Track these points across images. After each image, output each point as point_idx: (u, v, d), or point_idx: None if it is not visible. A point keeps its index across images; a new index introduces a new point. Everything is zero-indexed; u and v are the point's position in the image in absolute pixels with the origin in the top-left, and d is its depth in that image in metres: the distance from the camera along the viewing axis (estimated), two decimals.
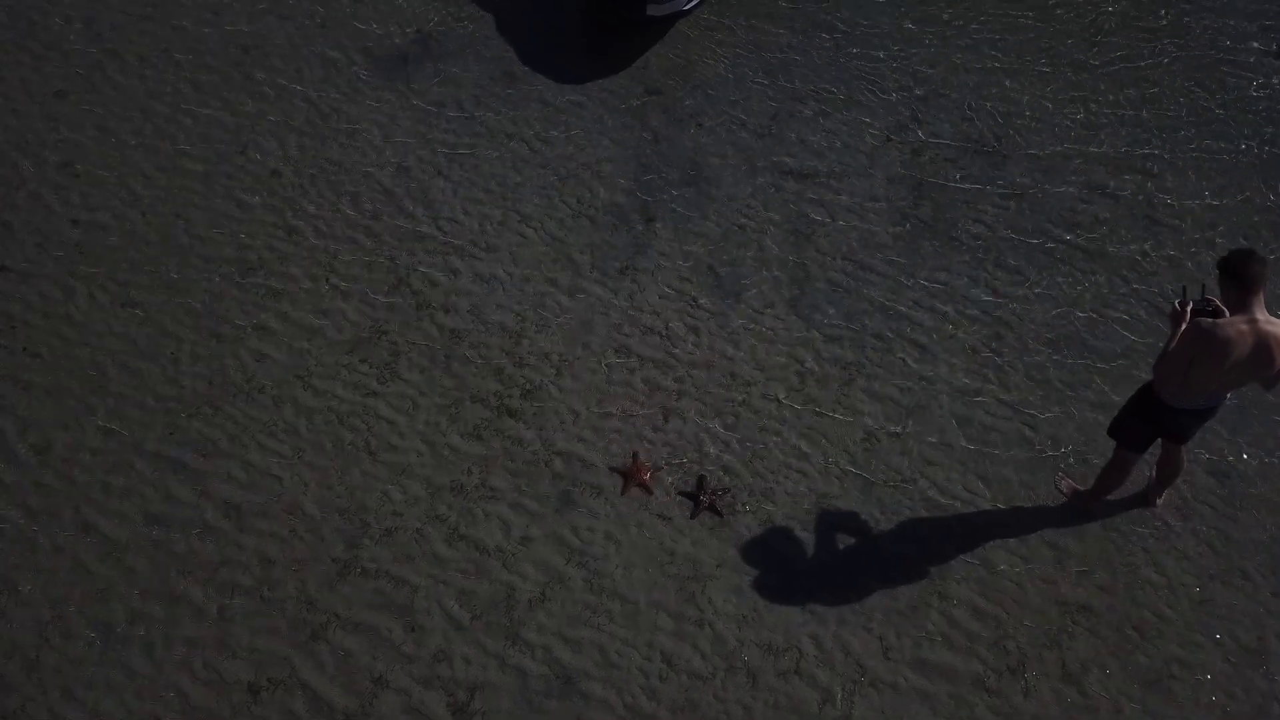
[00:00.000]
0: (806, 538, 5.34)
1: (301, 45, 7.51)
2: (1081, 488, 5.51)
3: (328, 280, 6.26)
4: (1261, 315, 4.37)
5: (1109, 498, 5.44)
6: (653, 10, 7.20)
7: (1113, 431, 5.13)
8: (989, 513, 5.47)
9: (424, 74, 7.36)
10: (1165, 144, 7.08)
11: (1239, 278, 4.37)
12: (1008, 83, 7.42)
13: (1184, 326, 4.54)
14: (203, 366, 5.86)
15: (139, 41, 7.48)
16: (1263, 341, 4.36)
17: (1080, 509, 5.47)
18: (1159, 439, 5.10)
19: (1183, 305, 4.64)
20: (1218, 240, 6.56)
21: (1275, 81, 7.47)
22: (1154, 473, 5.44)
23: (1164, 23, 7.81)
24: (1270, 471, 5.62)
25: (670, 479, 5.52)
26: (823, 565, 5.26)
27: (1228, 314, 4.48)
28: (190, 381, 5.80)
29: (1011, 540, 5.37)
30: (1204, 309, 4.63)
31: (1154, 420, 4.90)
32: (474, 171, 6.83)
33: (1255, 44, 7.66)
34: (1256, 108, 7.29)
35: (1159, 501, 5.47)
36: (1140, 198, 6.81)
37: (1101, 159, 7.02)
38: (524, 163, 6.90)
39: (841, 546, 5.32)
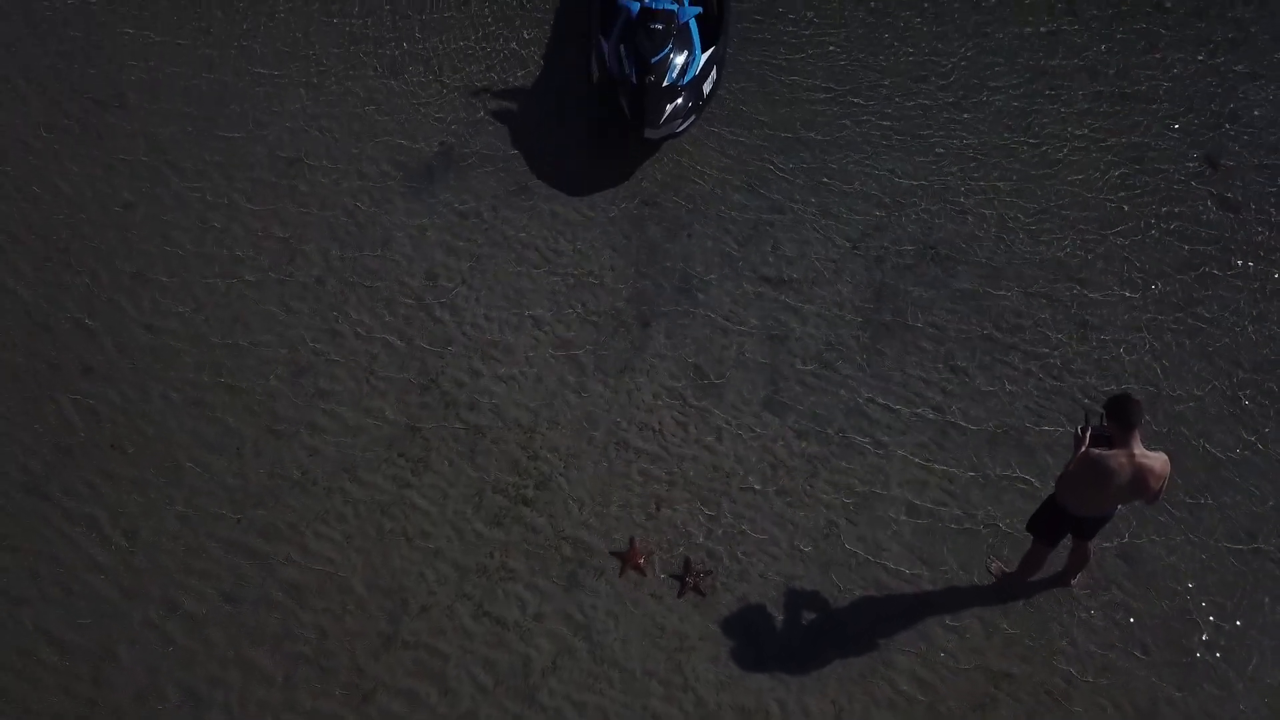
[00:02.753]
0: (775, 614, 6.36)
1: (339, 158, 8.50)
2: (1009, 569, 6.52)
3: (368, 381, 7.27)
4: (1138, 450, 5.38)
5: (1030, 579, 6.45)
6: (649, 133, 8.19)
7: (1029, 528, 6.13)
8: (929, 592, 6.48)
9: (448, 186, 8.36)
10: (1098, 251, 8.06)
11: (1120, 419, 5.37)
12: (963, 197, 8.40)
13: (1082, 451, 5.55)
14: (264, 460, 6.87)
15: (196, 154, 8.46)
16: (1139, 472, 5.37)
17: (1007, 588, 6.48)
18: (1068, 534, 6.12)
19: (1083, 431, 5.64)
20: (1139, 343, 7.56)
21: (1198, 188, 8.45)
22: (1070, 557, 6.46)
23: (1120, 142, 8.79)
24: (1171, 557, 6.62)
25: (661, 562, 6.54)
26: (788, 638, 6.28)
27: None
28: (253, 474, 6.82)
29: (947, 616, 6.39)
30: (1102, 435, 5.63)
31: (1060, 523, 5.91)
32: (493, 278, 7.83)
33: (1190, 164, 8.63)
34: (1182, 214, 8.29)
35: (1073, 582, 6.48)
36: (1073, 302, 7.81)
37: (1041, 264, 8.01)
38: (537, 270, 7.90)
39: (804, 622, 6.34)
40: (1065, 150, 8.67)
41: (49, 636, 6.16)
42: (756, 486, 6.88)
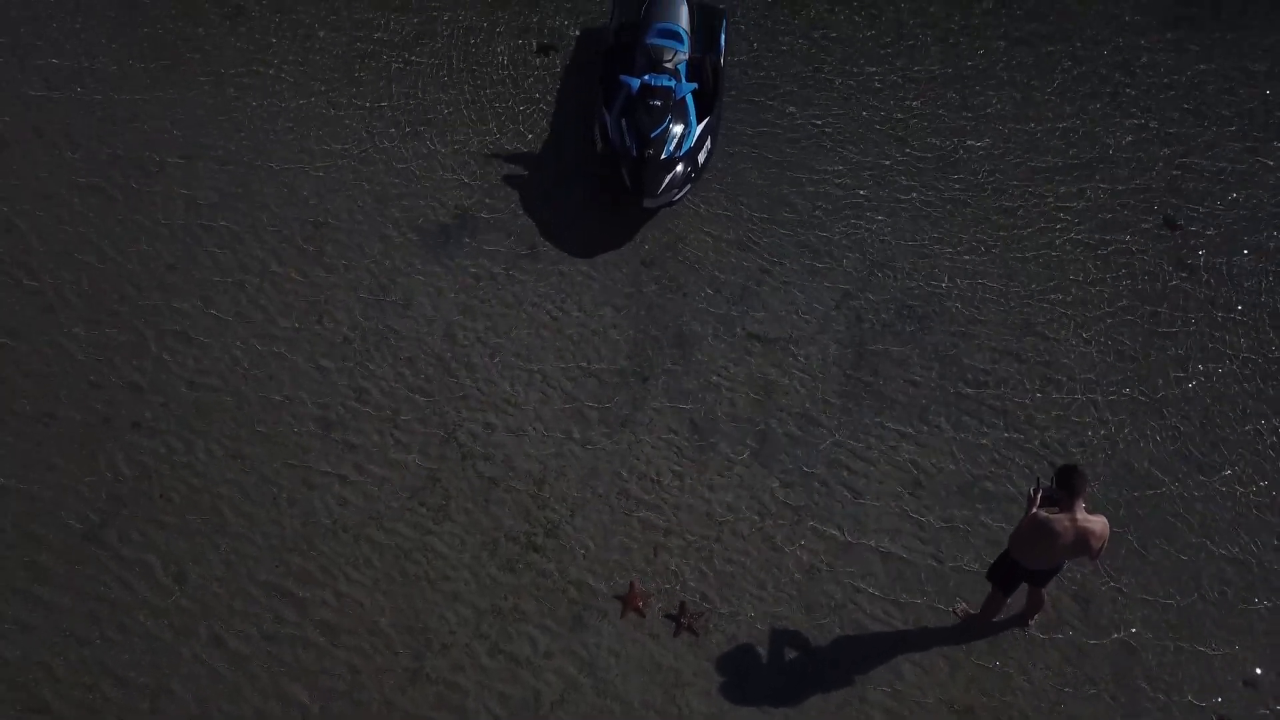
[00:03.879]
0: (762, 652, 7.05)
1: (363, 221, 9.21)
2: (973, 611, 7.21)
3: (392, 435, 7.97)
4: (1081, 515, 6.07)
5: (992, 620, 7.14)
6: (648, 203, 8.88)
7: (988, 577, 6.82)
8: (901, 631, 7.17)
9: (464, 248, 9.06)
10: (1061, 310, 8.75)
11: (1066, 487, 6.07)
12: (938, 259, 9.08)
13: (1031, 513, 6.24)
14: (298, 510, 7.58)
15: (231, 217, 9.18)
16: (1081, 534, 6.07)
17: (970, 629, 7.16)
18: (1023, 583, 6.80)
19: (1035, 493, 6.34)
20: (1099, 398, 8.25)
21: (1157, 248, 9.14)
22: (1026, 602, 7.14)
23: (1083, 204, 9.48)
24: (1118, 600, 7.30)
25: (659, 604, 7.23)
26: (773, 674, 6.97)
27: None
28: (289, 522, 7.52)
29: (916, 654, 7.08)
30: (1052, 495, 6.32)
31: (1015, 574, 6.60)
32: (505, 337, 8.53)
33: (1148, 226, 9.32)
34: (1140, 273, 8.97)
35: (1030, 623, 7.17)
36: (1037, 358, 8.49)
37: (1009, 323, 8.69)
38: (545, 329, 8.60)
39: (787, 659, 7.03)
40: (1034, 212, 9.37)
41: (110, 673, 6.87)
42: (745, 533, 7.57)
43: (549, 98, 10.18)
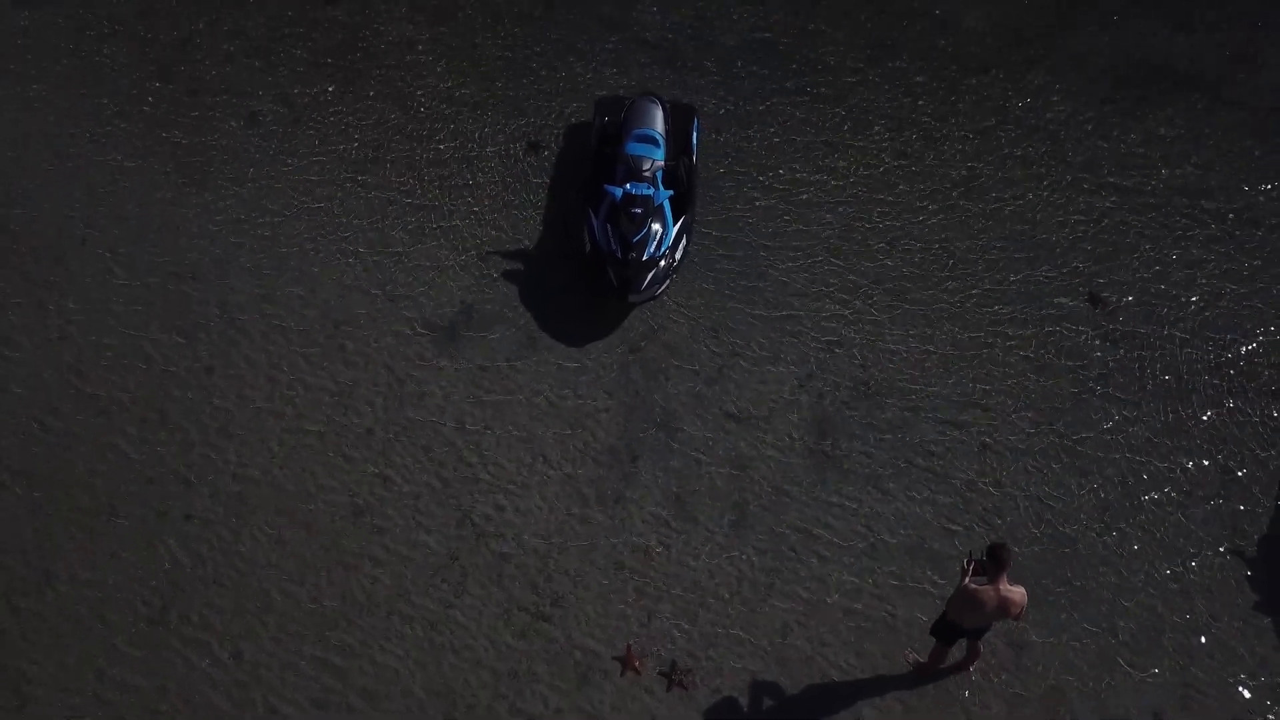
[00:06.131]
0: (742, 702, 8.22)
1: (378, 318, 10.31)
2: (922, 660, 8.39)
3: (415, 518, 9.08)
4: (1004, 586, 7.26)
5: (939, 668, 8.32)
6: (633, 299, 10.02)
7: (932, 633, 8.00)
8: (861, 679, 8.35)
9: (469, 342, 10.17)
10: (998, 382, 9.94)
11: (994, 561, 7.25)
12: (890, 340, 10.25)
13: (963, 583, 7.41)
14: (336, 589, 8.68)
15: (260, 319, 10.25)
16: (1003, 602, 7.25)
17: (920, 676, 8.34)
18: (962, 638, 7.98)
19: (968, 564, 7.51)
20: (1031, 466, 9.44)
21: (1083, 323, 10.34)
22: (966, 653, 8.32)
23: (1018, 279, 10.68)
24: (1057, 653, 8.49)
25: (653, 663, 8.38)
26: None
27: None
28: (329, 601, 8.62)
29: (875, 699, 8.26)
30: (983, 566, 7.49)
31: (953, 631, 7.79)
32: (511, 424, 9.65)
33: (1076, 302, 10.52)
34: (1069, 347, 10.18)
35: (971, 669, 8.35)
36: (976, 428, 9.68)
37: (951, 397, 9.87)
38: (545, 415, 9.73)
39: (764, 708, 8.19)
40: (974, 292, 10.56)
41: None
42: (726, 596, 8.73)
43: (540, 194, 11.29)
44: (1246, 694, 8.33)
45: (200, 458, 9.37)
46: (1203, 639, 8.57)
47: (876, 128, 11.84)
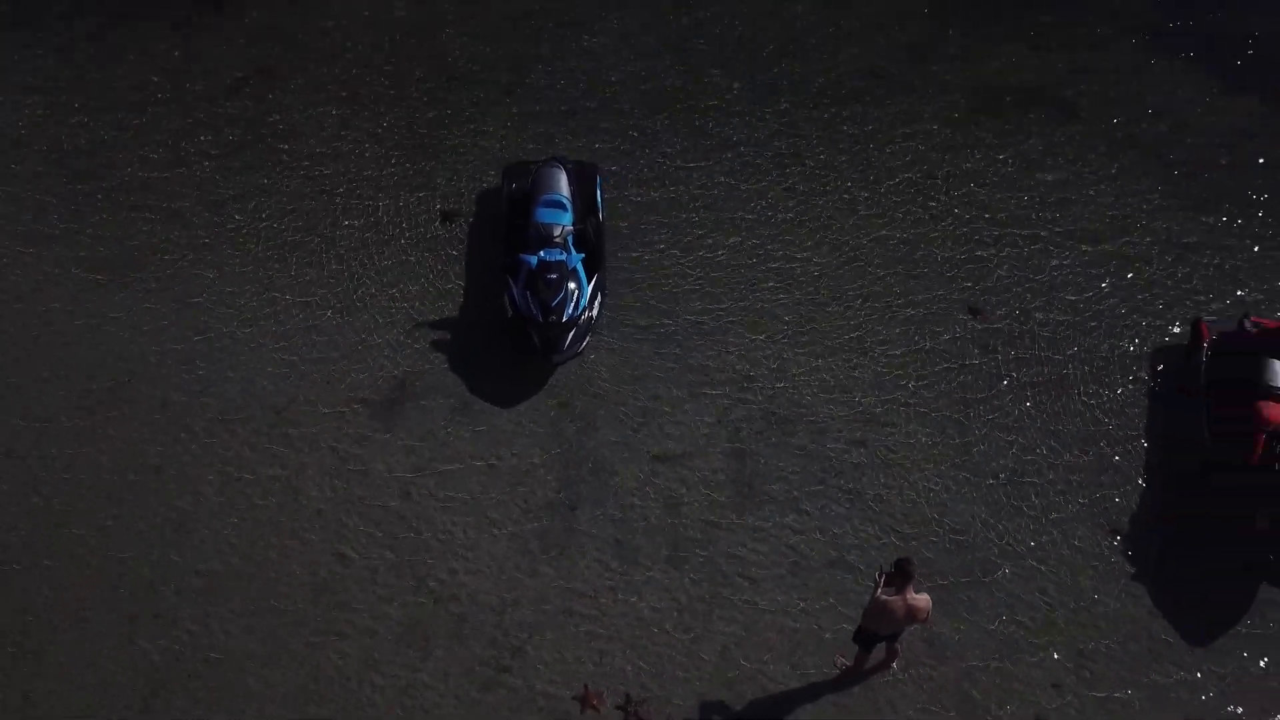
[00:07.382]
0: None
1: (316, 401, 10.87)
2: (849, 663, 9.34)
3: (374, 590, 9.70)
4: (910, 595, 8.24)
5: (863, 669, 9.28)
6: (556, 359, 10.76)
7: (854, 640, 8.96)
8: (798, 688, 9.26)
9: (406, 414, 10.79)
10: (895, 398, 10.94)
11: (901, 573, 8.22)
12: (794, 371, 11.17)
13: (875, 594, 8.36)
14: (308, 667, 9.27)
15: (202, 415, 10.71)
16: (910, 610, 8.25)
17: (848, 677, 9.30)
18: (880, 641, 8.96)
19: (880, 576, 8.47)
20: (929, 472, 10.46)
21: (964, 336, 11.40)
22: (885, 653, 9.30)
23: (909, 299, 11.70)
24: (965, 640, 9.50)
25: (609, 698, 9.17)
26: None
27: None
28: (300, 680, 9.21)
29: (810, 704, 9.19)
30: (892, 576, 8.45)
31: (871, 636, 8.75)
32: (454, 489, 10.33)
33: (958, 315, 11.58)
34: (953, 358, 11.23)
35: (892, 667, 9.34)
36: (879, 445, 10.66)
37: (855, 416, 10.83)
38: (485, 477, 10.42)
39: None
40: (867, 316, 11.55)
41: None
42: (669, 628, 9.56)
43: (458, 263, 11.95)
44: (1133, 659, 9.47)
45: (160, 558, 9.84)
46: (1090, 612, 9.69)
47: (767, 169, 12.77)
